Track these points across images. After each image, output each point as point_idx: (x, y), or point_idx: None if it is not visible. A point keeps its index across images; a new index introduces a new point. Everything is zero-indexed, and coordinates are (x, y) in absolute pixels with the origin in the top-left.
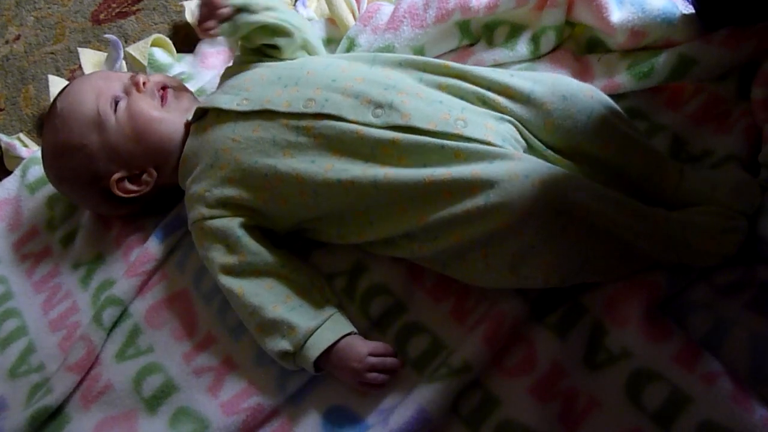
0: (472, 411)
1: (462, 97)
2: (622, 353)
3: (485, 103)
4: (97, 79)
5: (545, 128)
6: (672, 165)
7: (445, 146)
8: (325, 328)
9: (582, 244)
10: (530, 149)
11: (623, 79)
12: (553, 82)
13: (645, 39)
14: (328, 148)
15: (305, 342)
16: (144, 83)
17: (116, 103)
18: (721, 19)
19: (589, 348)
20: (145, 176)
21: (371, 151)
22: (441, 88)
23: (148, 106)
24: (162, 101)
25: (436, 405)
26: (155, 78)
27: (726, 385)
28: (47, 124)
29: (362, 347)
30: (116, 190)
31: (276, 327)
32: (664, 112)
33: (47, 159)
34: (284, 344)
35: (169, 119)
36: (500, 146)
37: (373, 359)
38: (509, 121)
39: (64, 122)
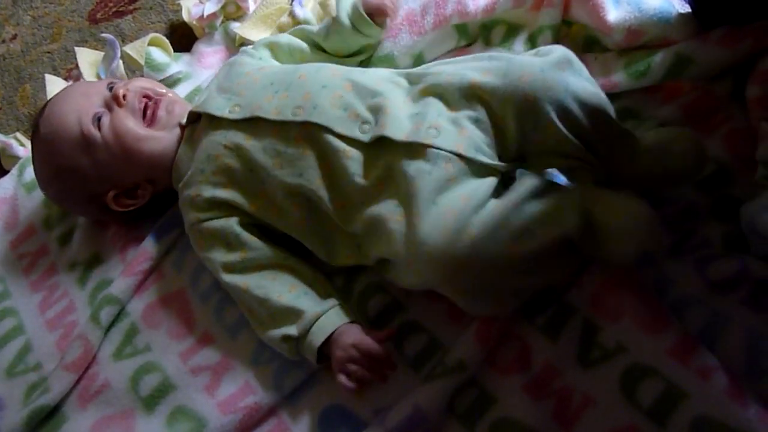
0: (467, 409)
1: (442, 94)
2: (616, 348)
3: (460, 87)
4: (76, 97)
5: (523, 101)
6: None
7: (408, 173)
8: (331, 314)
9: (528, 274)
10: (504, 144)
11: (620, 78)
12: (529, 59)
13: (642, 38)
14: (316, 159)
15: (311, 327)
16: (124, 96)
17: (99, 119)
18: (717, 18)
19: (582, 346)
20: (140, 190)
21: (350, 181)
22: (422, 93)
23: (133, 125)
24: (152, 118)
25: (432, 404)
26: (135, 86)
27: (721, 380)
28: (35, 148)
29: (350, 337)
30: (114, 206)
31: (283, 314)
32: (658, 109)
33: (42, 182)
34: (290, 329)
35: (157, 136)
36: (471, 157)
37: (354, 351)
38: (484, 129)
39: (51, 147)
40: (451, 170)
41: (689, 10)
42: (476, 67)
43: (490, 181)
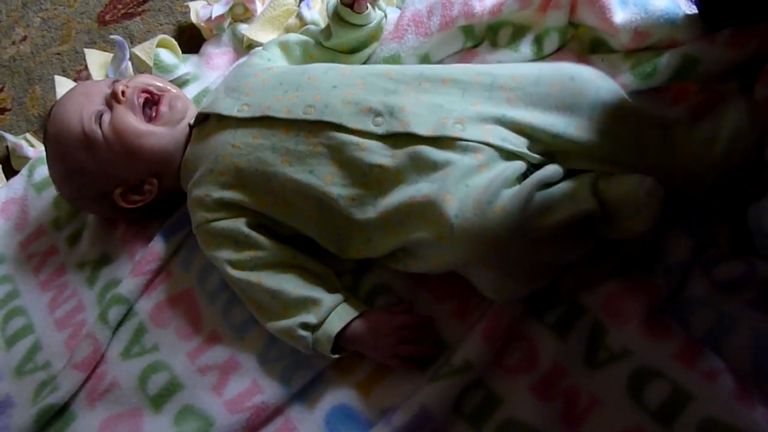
0: (474, 410)
1: (465, 88)
2: (622, 352)
3: (491, 88)
4: (78, 97)
5: (554, 108)
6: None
7: (438, 160)
8: (348, 304)
9: (554, 248)
10: (533, 144)
11: (627, 80)
12: (558, 65)
13: (648, 39)
14: (328, 156)
15: (328, 315)
16: (123, 92)
17: (100, 117)
18: (724, 19)
19: (590, 347)
20: (146, 186)
21: (369, 170)
22: (444, 82)
23: (133, 121)
24: (155, 113)
25: (438, 404)
26: (135, 83)
27: (727, 382)
28: (46, 150)
29: (389, 320)
30: (122, 203)
31: (299, 303)
32: (665, 110)
33: (56, 183)
34: (308, 317)
35: (157, 132)
36: (499, 145)
37: (403, 333)
38: (508, 127)
39: (58, 148)
40: (481, 158)
41: (696, 11)
42: (506, 71)
43: (520, 164)
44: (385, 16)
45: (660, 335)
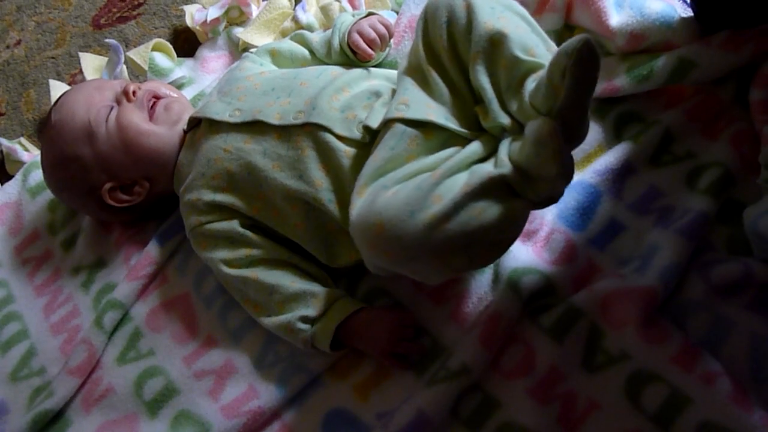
0: (471, 413)
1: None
2: (621, 355)
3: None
4: (90, 90)
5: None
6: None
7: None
8: (347, 299)
9: (464, 225)
10: (465, 122)
11: (622, 82)
12: None
13: (644, 42)
14: (317, 161)
15: (328, 308)
16: (134, 92)
17: (108, 111)
18: (719, 22)
19: (587, 350)
20: (137, 187)
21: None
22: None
23: (137, 119)
24: (151, 113)
25: (435, 408)
26: (147, 86)
27: (725, 385)
28: (44, 135)
29: (390, 315)
30: (108, 200)
31: (297, 297)
32: (661, 113)
33: (46, 170)
34: (307, 310)
35: (158, 132)
36: (442, 124)
37: (407, 331)
38: (445, 102)
39: (59, 134)
40: (412, 148)
41: (691, 14)
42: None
43: (446, 153)
44: (390, 46)
45: (657, 338)
